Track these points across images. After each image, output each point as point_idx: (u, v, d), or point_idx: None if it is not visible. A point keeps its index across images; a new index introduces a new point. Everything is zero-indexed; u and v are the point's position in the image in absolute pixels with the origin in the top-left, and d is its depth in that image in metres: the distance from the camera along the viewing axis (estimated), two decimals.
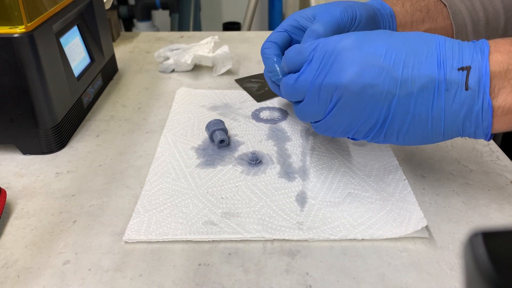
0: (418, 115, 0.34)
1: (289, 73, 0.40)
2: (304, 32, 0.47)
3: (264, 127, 0.53)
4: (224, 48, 0.67)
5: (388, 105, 0.34)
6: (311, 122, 0.40)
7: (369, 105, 0.35)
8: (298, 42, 0.47)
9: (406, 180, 0.42)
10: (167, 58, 0.70)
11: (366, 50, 0.34)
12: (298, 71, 0.38)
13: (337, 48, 0.35)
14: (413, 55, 0.34)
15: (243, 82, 0.65)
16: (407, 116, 0.34)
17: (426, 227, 0.38)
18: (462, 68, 0.33)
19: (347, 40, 0.36)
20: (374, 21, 0.46)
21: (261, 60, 0.73)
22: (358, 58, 0.34)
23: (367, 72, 0.34)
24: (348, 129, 0.37)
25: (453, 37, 0.49)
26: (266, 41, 0.47)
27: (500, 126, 0.34)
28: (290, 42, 0.48)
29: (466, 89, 0.33)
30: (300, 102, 0.40)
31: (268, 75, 0.46)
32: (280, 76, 0.44)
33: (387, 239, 0.37)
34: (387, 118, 0.35)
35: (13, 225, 0.39)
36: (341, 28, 0.44)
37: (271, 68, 0.45)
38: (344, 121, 0.36)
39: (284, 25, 0.48)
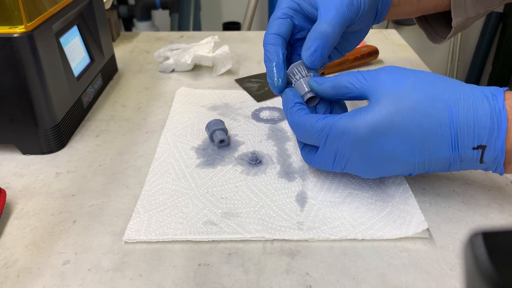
0: (436, 171, 0.37)
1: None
2: (305, 17, 0.45)
3: (264, 127, 0.53)
4: (224, 48, 0.67)
5: (407, 175, 0.39)
6: None
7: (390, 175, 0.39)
8: (299, 27, 0.45)
9: (407, 185, 0.42)
10: (167, 58, 0.70)
11: (382, 145, 0.35)
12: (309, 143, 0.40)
13: (349, 141, 0.36)
14: (427, 141, 0.35)
15: (243, 82, 0.65)
16: (427, 172, 0.37)
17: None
18: (477, 148, 0.34)
19: (359, 131, 0.35)
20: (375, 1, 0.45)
21: (262, 60, 0.73)
22: (374, 155, 0.36)
23: (383, 166, 0.37)
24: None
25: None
26: (270, 33, 0.44)
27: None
28: (293, 28, 0.45)
29: (481, 162, 0.35)
30: (310, 146, 0.41)
31: (270, 82, 0.44)
32: (280, 85, 0.42)
33: (387, 239, 0.37)
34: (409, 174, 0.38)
35: (13, 225, 0.39)
36: (347, 24, 0.42)
37: (273, 79, 0.43)
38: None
39: (284, 8, 0.44)
